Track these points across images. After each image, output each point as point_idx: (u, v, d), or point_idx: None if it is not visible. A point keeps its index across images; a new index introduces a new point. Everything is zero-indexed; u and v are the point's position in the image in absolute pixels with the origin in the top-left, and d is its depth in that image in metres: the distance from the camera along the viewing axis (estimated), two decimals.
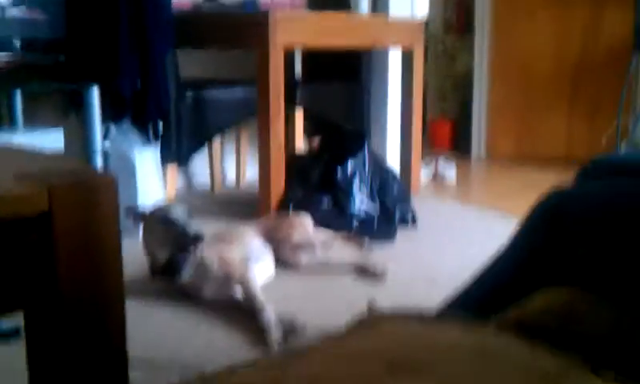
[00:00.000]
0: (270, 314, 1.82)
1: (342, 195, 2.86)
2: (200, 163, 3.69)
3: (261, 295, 1.92)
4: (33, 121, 2.89)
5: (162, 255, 2.04)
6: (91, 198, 0.86)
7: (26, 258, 0.82)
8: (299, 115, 3.51)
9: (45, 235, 0.82)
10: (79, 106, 2.79)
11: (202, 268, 2.03)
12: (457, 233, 2.89)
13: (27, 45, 2.72)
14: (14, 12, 2.75)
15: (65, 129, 2.74)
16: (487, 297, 1.20)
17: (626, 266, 0.99)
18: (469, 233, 2.89)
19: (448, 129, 5.16)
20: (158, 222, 2.05)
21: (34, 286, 0.83)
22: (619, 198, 1.07)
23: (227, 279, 2.02)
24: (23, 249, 0.82)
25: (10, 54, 2.67)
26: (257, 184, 2.99)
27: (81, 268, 0.85)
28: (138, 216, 2.14)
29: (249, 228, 2.37)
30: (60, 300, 0.83)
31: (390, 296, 2.09)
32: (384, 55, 3.70)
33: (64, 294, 0.83)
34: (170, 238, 2.02)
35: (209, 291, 2.03)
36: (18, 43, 2.69)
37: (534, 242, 1.16)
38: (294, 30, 2.94)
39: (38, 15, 2.77)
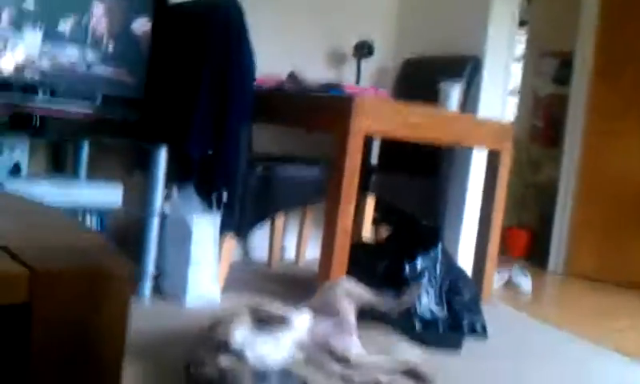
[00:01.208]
0: None
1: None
2: (259, 236, 3.54)
3: None
4: (96, 172, 2.81)
5: None
6: (92, 289, 0.63)
7: None
8: (370, 203, 3.33)
9: (21, 331, 0.60)
10: (144, 165, 2.70)
11: None
12: (530, 354, 2.58)
13: (106, 100, 2.68)
14: (100, 69, 2.72)
15: (126, 185, 2.65)
16: None
17: None
18: (543, 355, 2.58)
19: (524, 238, 4.87)
20: None
21: None
22: None
23: None
24: None
25: (89, 107, 2.63)
26: (316, 265, 2.80)
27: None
28: None
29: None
30: None
31: None
32: (467, 154, 3.51)
33: None
34: None
35: None
36: (99, 98, 2.65)
37: None
38: (378, 118, 2.80)
39: (121, 75, 2.74)
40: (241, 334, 1.84)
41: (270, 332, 1.92)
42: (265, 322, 1.96)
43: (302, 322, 2.05)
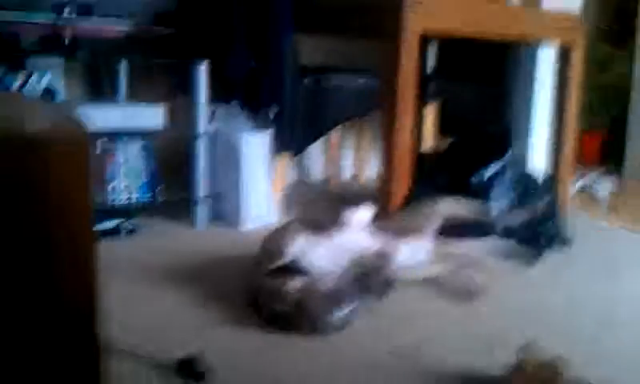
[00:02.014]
0: None
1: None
2: (315, 155, 3.35)
3: None
4: (136, 96, 2.64)
5: None
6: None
7: None
8: (430, 113, 3.09)
9: None
10: (187, 86, 2.51)
11: None
12: (615, 262, 2.34)
13: (138, 16, 2.50)
14: None
15: (169, 107, 2.47)
16: None
17: None
18: (628, 263, 2.35)
19: (597, 142, 4.55)
20: None
21: None
22: None
23: None
24: None
25: (123, 24, 2.45)
26: (376, 182, 2.61)
27: None
28: None
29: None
30: None
31: (546, 333, 1.62)
32: (533, 53, 3.20)
33: None
34: None
35: None
36: (132, 15, 2.47)
37: None
38: (434, 14, 2.53)
39: None
40: (298, 244, 1.71)
41: (325, 238, 1.79)
42: (320, 229, 1.81)
43: (360, 218, 1.89)
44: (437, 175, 2.60)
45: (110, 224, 2.30)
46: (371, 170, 3.47)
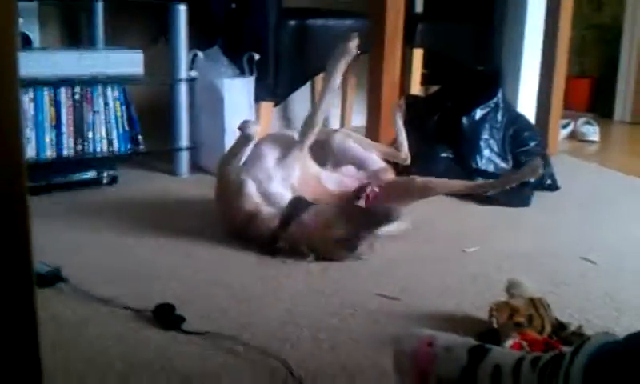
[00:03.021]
0: None
1: (466, 147, 2.36)
2: (299, 104, 3.28)
3: None
4: (115, 43, 2.56)
5: None
6: None
7: None
8: (417, 56, 3.01)
9: None
10: (167, 32, 2.43)
11: None
12: (604, 203, 2.31)
13: None
14: None
15: (148, 54, 2.40)
16: None
17: None
18: (617, 203, 2.32)
19: (587, 86, 4.49)
20: None
21: None
22: None
23: None
24: None
25: None
26: (362, 132, 2.55)
27: None
28: None
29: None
30: None
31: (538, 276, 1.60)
32: None
33: None
34: None
35: None
36: None
37: None
38: None
39: None
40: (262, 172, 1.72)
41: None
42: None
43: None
44: (428, 118, 2.54)
45: (90, 174, 2.25)
46: (357, 118, 3.40)
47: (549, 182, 2.37)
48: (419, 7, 3.53)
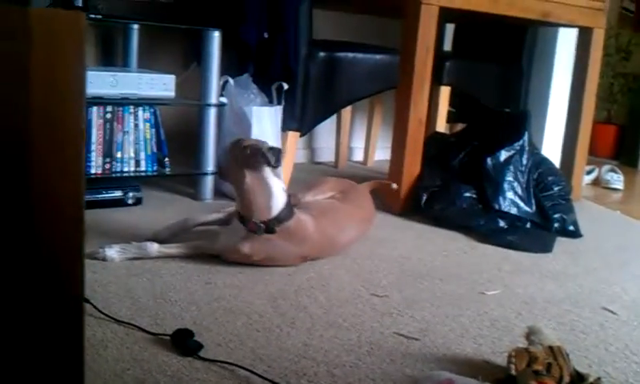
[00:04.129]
0: None
1: (489, 188, 2.36)
2: (325, 135, 3.31)
3: None
4: (149, 66, 2.61)
5: None
6: None
7: None
8: (444, 94, 3.03)
9: None
10: (200, 56, 2.47)
11: None
12: (628, 254, 2.29)
13: None
14: None
15: (181, 77, 2.43)
16: None
17: None
18: None
19: (612, 133, 4.48)
20: None
21: None
22: None
23: None
24: None
25: None
26: (385, 166, 2.56)
27: None
28: None
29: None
30: None
31: (552, 323, 1.59)
32: (553, 35, 3.13)
33: None
34: None
35: None
36: None
37: None
38: None
39: None
40: None
41: None
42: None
43: None
44: (452, 157, 2.55)
45: (116, 193, 2.28)
46: (380, 153, 3.42)
47: (571, 228, 2.36)
48: (448, 45, 3.56)
